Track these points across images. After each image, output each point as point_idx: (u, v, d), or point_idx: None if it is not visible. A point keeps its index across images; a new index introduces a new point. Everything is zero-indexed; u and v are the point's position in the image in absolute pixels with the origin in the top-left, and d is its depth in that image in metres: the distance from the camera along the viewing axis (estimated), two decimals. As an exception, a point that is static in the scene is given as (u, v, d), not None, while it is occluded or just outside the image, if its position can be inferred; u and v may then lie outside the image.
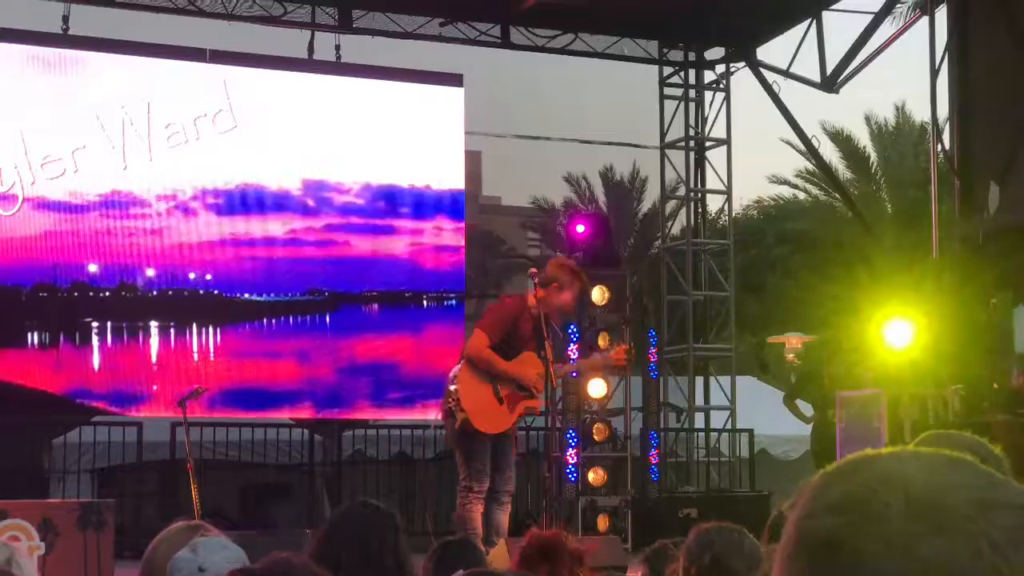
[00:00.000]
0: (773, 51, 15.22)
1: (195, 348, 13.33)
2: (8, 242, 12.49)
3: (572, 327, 9.42)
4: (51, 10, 12.95)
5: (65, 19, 12.92)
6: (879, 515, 1.18)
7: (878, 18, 13.99)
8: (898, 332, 12.40)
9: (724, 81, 15.60)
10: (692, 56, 15.63)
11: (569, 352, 11.91)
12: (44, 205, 12.64)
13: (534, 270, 9.11)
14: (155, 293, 13.13)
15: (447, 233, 14.15)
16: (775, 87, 14.88)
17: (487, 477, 8.92)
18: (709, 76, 15.70)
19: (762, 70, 15.04)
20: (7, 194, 12.48)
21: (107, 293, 12.93)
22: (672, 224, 16.97)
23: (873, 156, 32.15)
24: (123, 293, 12.98)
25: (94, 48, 13.02)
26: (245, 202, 13.38)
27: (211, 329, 13.40)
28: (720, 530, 3.77)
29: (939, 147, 13.04)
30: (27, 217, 12.57)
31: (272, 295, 13.56)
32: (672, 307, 15.43)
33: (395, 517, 3.67)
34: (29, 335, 12.78)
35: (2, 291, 12.50)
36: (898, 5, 14.56)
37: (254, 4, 13.54)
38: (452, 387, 8.98)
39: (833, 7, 14.32)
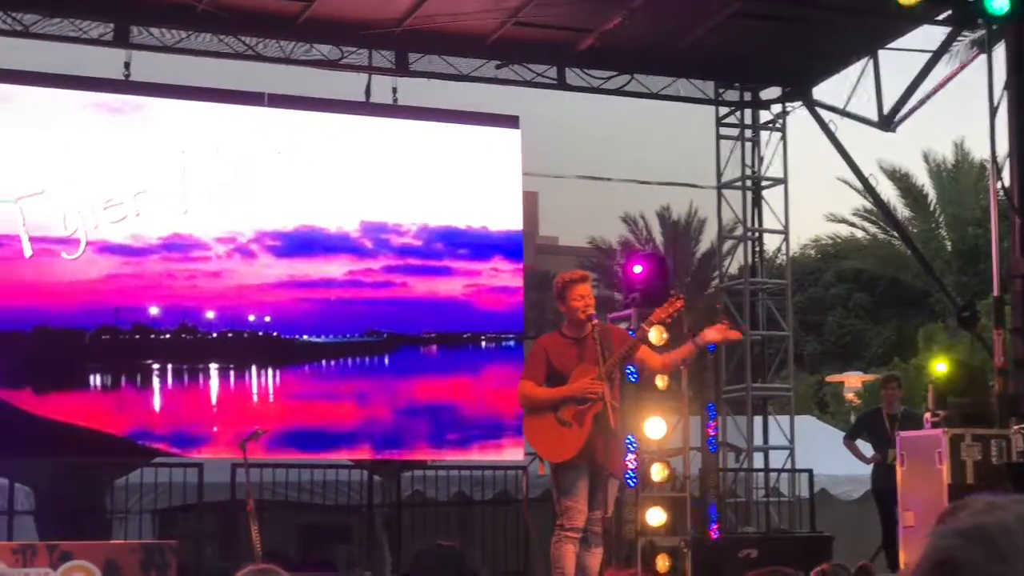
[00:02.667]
0: (829, 90, 15.22)
1: (255, 390, 13.41)
2: (72, 285, 12.63)
3: (630, 368, 9.39)
4: (113, 57, 13.13)
5: (127, 65, 13.09)
6: (1010, 552, 1.24)
7: (935, 56, 13.95)
8: (956, 372, 12.34)
9: (780, 120, 15.58)
10: (748, 96, 15.63)
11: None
12: (106, 249, 12.78)
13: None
14: (215, 335, 13.23)
15: (505, 274, 14.19)
16: (832, 126, 14.85)
17: (579, 515, 8.77)
18: (765, 116, 15.69)
19: (818, 109, 15.02)
20: (70, 238, 12.63)
21: (168, 335, 13.04)
22: (729, 264, 16.93)
23: (932, 194, 31.99)
24: (184, 335, 13.08)
25: (155, 93, 13.19)
26: (304, 244, 13.47)
27: (270, 371, 13.48)
28: (774, 574, 3.77)
29: (999, 184, 12.97)
30: (90, 261, 12.71)
31: (331, 337, 13.63)
32: (730, 347, 15.36)
33: (466, 556, 3.68)
34: (92, 377, 12.91)
35: (66, 334, 12.64)
36: (955, 43, 14.51)
37: (312, 49, 13.67)
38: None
39: (889, 46, 14.30)
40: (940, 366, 12.22)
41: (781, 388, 15.95)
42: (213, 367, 13.23)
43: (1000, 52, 12.92)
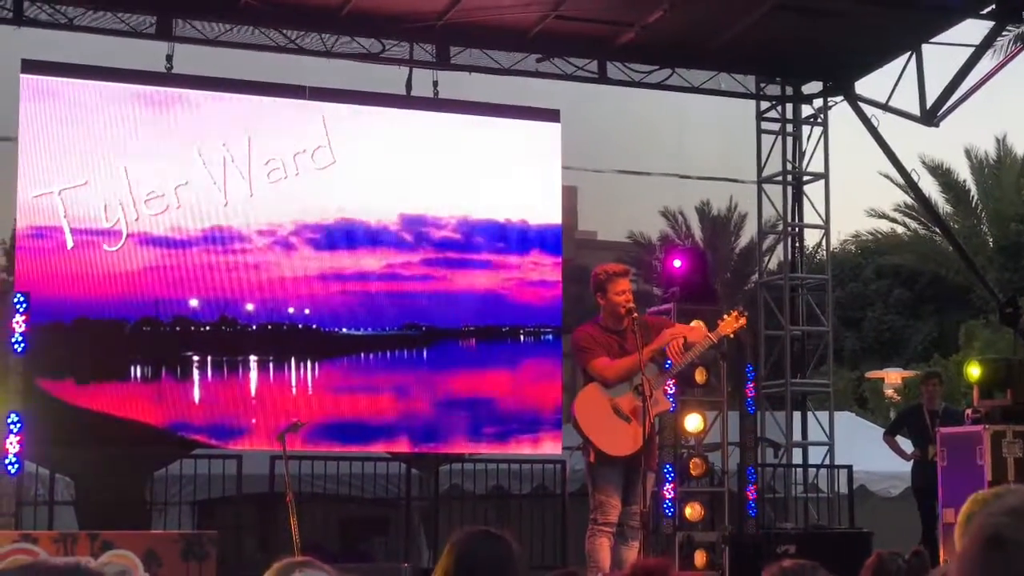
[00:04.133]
0: (871, 84, 15.15)
1: (294, 382, 13.44)
2: (113, 277, 12.69)
3: (668, 362, 9.40)
4: (156, 49, 13.19)
5: (169, 59, 13.16)
6: None
7: (979, 51, 13.86)
8: (994, 368, 12.24)
9: (822, 115, 15.52)
10: (789, 90, 15.57)
11: (665, 387, 11.88)
12: (147, 240, 12.84)
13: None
14: (254, 327, 13.27)
15: (544, 268, 14.18)
16: (874, 121, 14.78)
17: (612, 510, 8.77)
18: (807, 110, 15.63)
19: (860, 104, 14.96)
20: (112, 230, 12.70)
21: (208, 327, 13.09)
22: (769, 259, 16.88)
23: (973, 190, 31.81)
24: (223, 327, 13.13)
25: (196, 86, 13.23)
26: (343, 237, 13.50)
27: (309, 363, 13.51)
28: (793, 568, 3.78)
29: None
30: (131, 252, 12.77)
31: (370, 330, 13.65)
32: (769, 342, 15.34)
33: (509, 544, 3.71)
34: (132, 368, 12.96)
35: (107, 325, 12.71)
36: (999, 38, 14.41)
37: (353, 42, 13.70)
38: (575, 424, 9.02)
39: (932, 40, 14.22)
40: (974, 370, 12.15)
41: (820, 384, 15.89)
42: (252, 359, 13.28)
43: (1044, 47, 12.83)
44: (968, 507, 2.66)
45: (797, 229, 15.80)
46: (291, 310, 13.35)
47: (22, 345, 10.73)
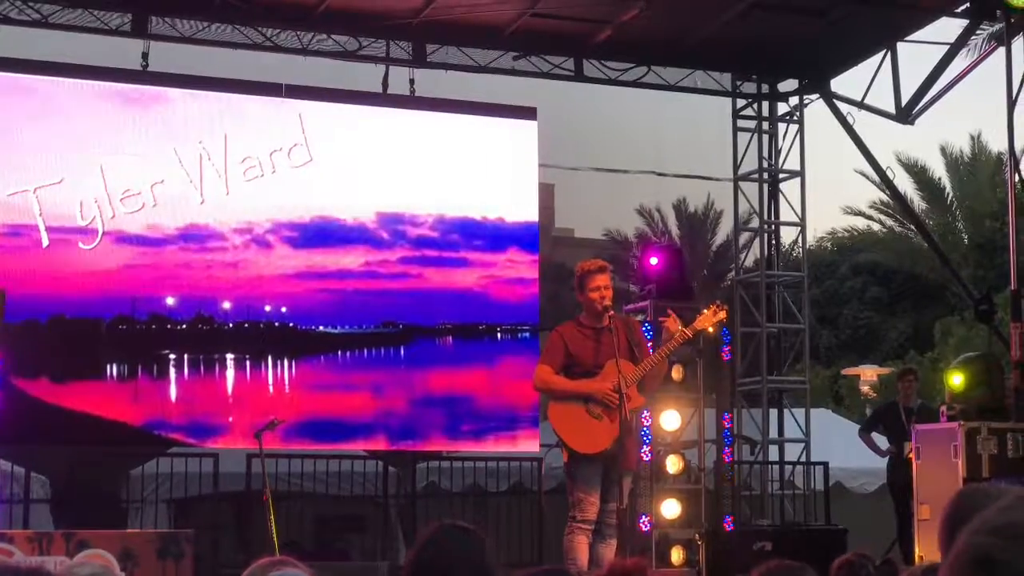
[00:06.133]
0: (847, 82, 15.19)
1: (270, 380, 13.44)
2: (89, 275, 12.66)
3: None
4: (131, 47, 13.16)
5: (145, 56, 13.12)
6: None
7: (953, 49, 13.92)
8: (973, 371, 12.27)
9: (798, 113, 15.56)
10: (765, 88, 15.61)
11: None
12: (123, 239, 12.81)
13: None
14: (231, 325, 13.25)
15: (521, 265, 14.19)
16: (849, 118, 14.82)
17: (591, 507, 8.77)
18: (783, 108, 15.67)
19: (836, 102, 15.00)
20: (88, 228, 12.67)
21: (184, 326, 13.07)
22: (746, 256, 16.91)
23: (948, 187, 31.88)
24: (200, 325, 13.11)
25: (172, 84, 13.20)
26: (320, 235, 13.49)
27: (286, 361, 13.50)
28: (781, 568, 3.79)
29: (1016, 177, 12.94)
30: (107, 250, 12.74)
31: (347, 327, 13.65)
32: (746, 339, 15.37)
33: (480, 537, 3.70)
34: (108, 367, 12.94)
35: (82, 323, 12.68)
36: (974, 36, 14.47)
37: (329, 39, 13.68)
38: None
39: (908, 38, 14.27)
40: (955, 378, 12.17)
41: (797, 381, 15.92)
42: (229, 357, 13.26)
43: (1019, 45, 12.90)
44: (957, 502, 2.64)
45: (773, 226, 15.84)
46: (268, 308, 13.34)
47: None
